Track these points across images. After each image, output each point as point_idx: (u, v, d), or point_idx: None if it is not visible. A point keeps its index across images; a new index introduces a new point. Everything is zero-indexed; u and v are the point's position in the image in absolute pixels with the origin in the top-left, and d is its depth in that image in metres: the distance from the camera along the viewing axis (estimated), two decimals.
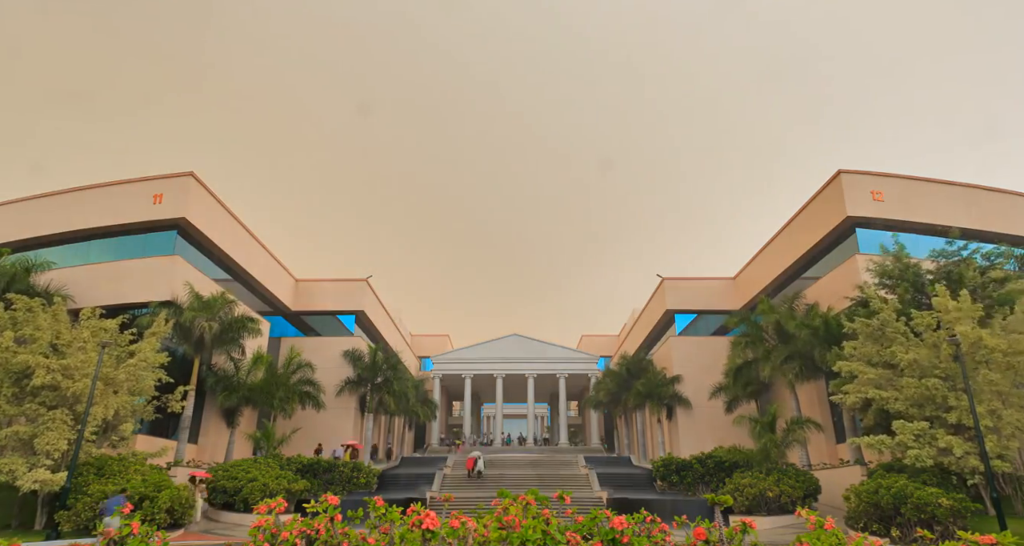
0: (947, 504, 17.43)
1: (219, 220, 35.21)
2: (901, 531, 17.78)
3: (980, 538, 3.45)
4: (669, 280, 47.81)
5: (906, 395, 21.00)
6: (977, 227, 31.51)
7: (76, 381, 20.74)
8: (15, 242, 32.26)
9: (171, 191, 32.19)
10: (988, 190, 34.27)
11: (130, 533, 4.07)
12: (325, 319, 47.99)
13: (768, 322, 33.13)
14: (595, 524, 4.51)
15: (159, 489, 20.35)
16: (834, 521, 4.16)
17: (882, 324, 22.77)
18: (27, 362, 20.11)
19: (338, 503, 3.98)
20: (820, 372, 30.26)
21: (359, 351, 45.01)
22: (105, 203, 33.03)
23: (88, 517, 18.68)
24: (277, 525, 3.91)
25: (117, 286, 30.83)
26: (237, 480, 24.89)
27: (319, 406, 37.98)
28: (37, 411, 20.23)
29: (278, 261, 43.36)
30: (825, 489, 26.14)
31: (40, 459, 19.64)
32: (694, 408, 42.50)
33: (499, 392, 61.92)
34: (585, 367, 62.36)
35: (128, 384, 22.80)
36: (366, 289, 48.45)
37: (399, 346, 56.59)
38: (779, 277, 38.96)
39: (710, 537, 3.95)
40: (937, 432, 20.16)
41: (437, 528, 3.93)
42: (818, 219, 34.29)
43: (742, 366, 35.65)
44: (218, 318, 30.82)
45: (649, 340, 52.76)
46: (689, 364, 43.95)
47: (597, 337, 73.48)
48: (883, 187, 32.25)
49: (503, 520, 4.17)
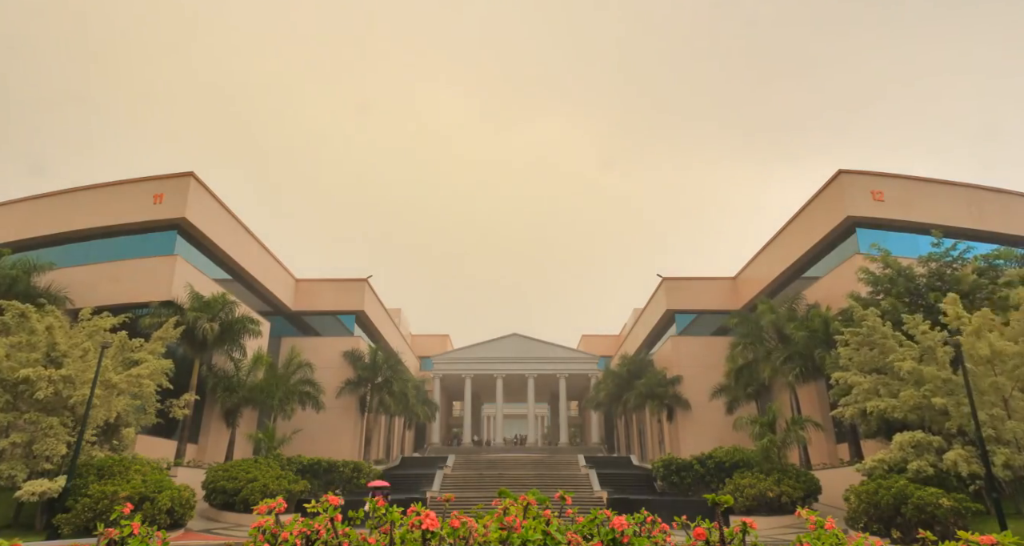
0: (947, 504, 17.43)
1: (219, 220, 35.21)
2: (901, 531, 17.77)
3: (980, 538, 3.44)
4: (669, 280, 47.80)
5: (906, 404, 20.70)
6: (977, 227, 31.51)
7: (77, 388, 20.68)
8: (15, 242, 32.26)
9: (171, 191, 32.20)
10: (988, 190, 34.29)
11: (130, 533, 4.05)
12: (325, 319, 47.99)
13: (768, 323, 33.13)
14: (595, 524, 4.50)
15: (159, 490, 20.35)
16: (834, 521, 4.15)
17: (870, 331, 22.58)
18: (28, 375, 19.69)
19: (339, 503, 3.98)
20: (820, 373, 30.26)
21: (359, 351, 45.02)
22: (105, 203, 33.03)
23: (88, 518, 18.63)
24: (277, 525, 3.90)
25: (117, 286, 30.83)
26: (237, 480, 24.91)
27: (319, 406, 38.00)
28: (36, 417, 20.06)
29: (278, 261, 43.36)
30: (825, 489, 26.15)
31: (40, 463, 19.62)
32: (694, 408, 42.48)
33: (499, 392, 61.94)
34: (585, 367, 62.35)
35: (130, 390, 22.75)
36: (366, 289, 48.44)
37: (399, 346, 56.59)
38: (779, 277, 38.96)
39: (710, 537, 3.95)
40: (933, 440, 20.00)
41: (437, 528, 3.92)
42: (818, 219, 34.29)
43: (743, 367, 35.67)
44: (219, 318, 30.84)
45: (649, 340, 52.76)
46: (689, 364, 43.93)
47: (597, 337, 73.47)
48: (883, 187, 32.27)
49: (503, 520, 4.17)
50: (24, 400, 20.41)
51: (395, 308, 62.53)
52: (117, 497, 18.99)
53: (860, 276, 27.42)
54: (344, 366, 44.21)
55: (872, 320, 22.52)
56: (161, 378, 24.13)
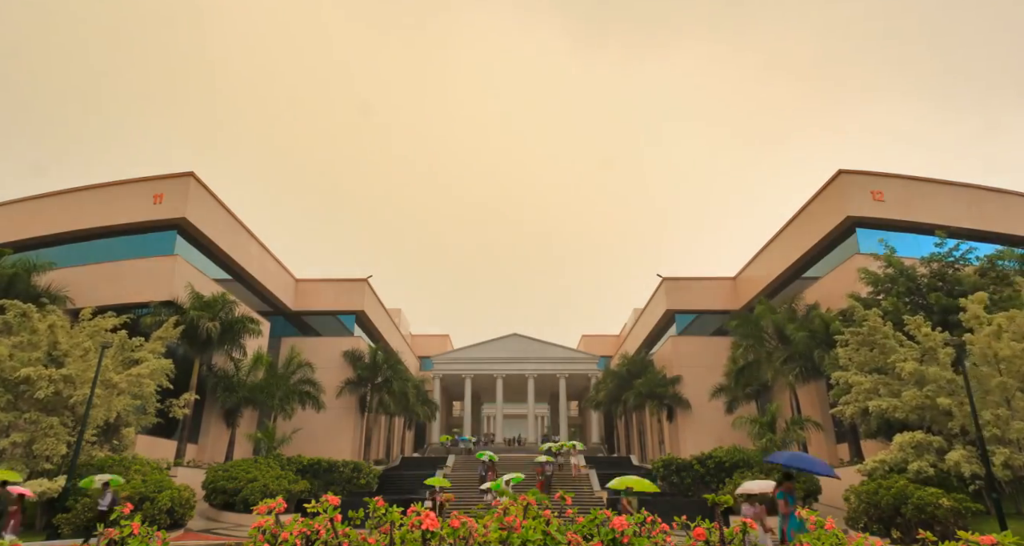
0: (947, 504, 17.41)
1: (219, 220, 35.21)
2: (901, 531, 17.76)
3: (981, 538, 3.45)
4: (669, 280, 47.79)
5: (908, 404, 20.62)
6: (977, 227, 31.50)
7: (78, 388, 20.68)
8: (15, 242, 32.25)
9: (171, 191, 32.19)
10: (988, 190, 34.28)
11: (130, 533, 4.05)
12: (325, 319, 47.99)
13: (768, 324, 33.12)
14: (595, 524, 4.50)
15: (159, 490, 20.34)
16: (834, 521, 4.16)
17: (871, 331, 22.56)
18: (28, 374, 19.80)
19: (339, 503, 3.98)
20: (820, 373, 30.25)
21: (359, 351, 45.02)
22: (105, 203, 33.02)
23: (88, 518, 18.65)
24: (277, 525, 3.90)
25: (117, 286, 30.83)
26: (237, 480, 24.90)
27: (319, 406, 38.00)
28: (36, 417, 20.08)
29: (278, 261, 43.36)
30: (825, 489, 26.12)
31: (40, 463, 19.61)
32: (694, 408, 42.47)
33: (499, 392, 61.91)
34: (585, 367, 62.31)
35: (130, 389, 22.76)
36: (366, 289, 48.44)
37: (399, 346, 56.58)
38: (779, 277, 38.96)
39: (710, 537, 3.95)
40: (934, 440, 19.98)
41: (437, 528, 3.92)
42: (818, 219, 34.28)
43: (743, 367, 35.67)
44: (219, 318, 30.85)
45: (649, 340, 52.75)
46: (689, 364, 43.93)
47: (597, 337, 73.44)
48: (883, 187, 32.26)
49: (503, 520, 4.17)
50: (24, 400, 20.41)
51: (395, 308, 62.50)
52: (117, 497, 18.96)
53: (861, 276, 27.39)
54: (344, 366, 44.21)
55: (873, 320, 22.51)
56: (161, 378, 24.13)
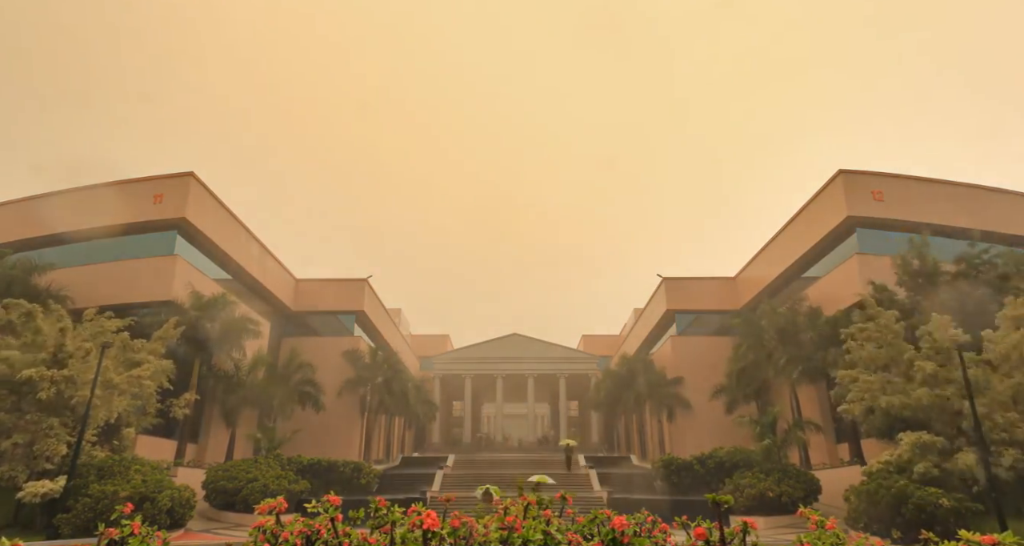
0: (948, 504, 17.44)
1: (219, 220, 35.20)
2: (901, 531, 17.78)
3: (981, 538, 3.44)
4: (669, 280, 47.78)
5: (918, 403, 20.53)
6: (977, 227, 31.50)
7: (79, 388, 20.69)
8: (15, 242, 32.26)
9: (171, 191, 32.19)
10: (988, 190, 34.29)
11: (131, 533, 4.05)
12: (325, 319, 47.96)
13: (769, 325, 33.12)
14: (595, 524, 4.50)
15: (159, 490, 20.35)
16: (835, 521, 4.16)
17: (882, 330, 22.51)
18: (31, 376, 19.84)
19: (339, 503, 3.97)
20: (821, 373, 30.26)
21: (359, 351, 44.98)
22: (105, 203, 33.00)
23: (88, 518, 18.64)
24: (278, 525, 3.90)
25: (117, 286, 30.81)
26: (237, 480, 24.92)
27: (319, 406, 37.98)
28: (37, 418, 20.06)
29: (278, 261, 43.35)
30: (825, 489, 26.15)
31: (40, 463, 19.60)
32: (694, 408, 42.45)
33: (499, 392, 61.90)
34: (585, 367, 62.30)
35: (130, 390, 22.76)
36: (366, 289, 48.42)
37: (399, 346, 56.57)
38: (779, 277, 38.95)
39: (711, 537, 3.95)
40: (937, 440, 19.94)
41: (438, 528, 3.92)
42: (818, 219, 34.28)
43: (743, 367, 35.66)
44: (219, 319, 30.84)
45: (649, 340, 52.74)
46: (689, 364, 43.91)
47: (597, 337, 73.43)
48: (883, 187, 32.26)
49: (504, 520, 4.17)
50: (26, 401, 20.42)
51: (395, 308, 62.49)
52: (117, 497, 18.99)
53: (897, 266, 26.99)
54: (344, 366, 44.16)
55: (885, 318, 22.49)
56: (162, 379, 24.15)
